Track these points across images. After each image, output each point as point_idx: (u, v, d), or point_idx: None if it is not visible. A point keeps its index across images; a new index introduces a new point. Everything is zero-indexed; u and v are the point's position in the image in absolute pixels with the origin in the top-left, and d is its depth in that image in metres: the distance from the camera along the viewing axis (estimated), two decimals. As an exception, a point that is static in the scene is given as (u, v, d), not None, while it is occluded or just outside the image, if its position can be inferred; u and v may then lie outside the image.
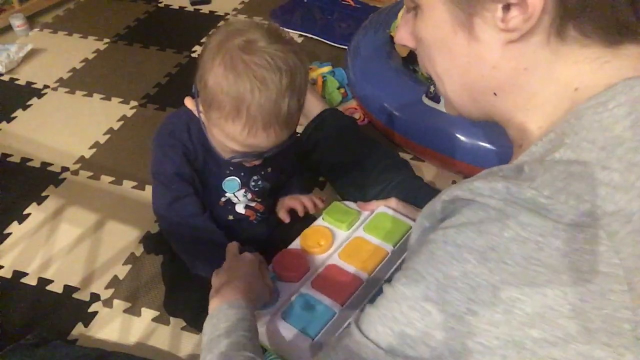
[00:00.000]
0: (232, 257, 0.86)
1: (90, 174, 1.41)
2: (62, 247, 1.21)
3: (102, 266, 1.17)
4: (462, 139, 1.26)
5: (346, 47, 1.69)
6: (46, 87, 1.74)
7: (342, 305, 0.81)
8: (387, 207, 0.96)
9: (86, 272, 1.15)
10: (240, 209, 1.00)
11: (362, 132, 1.37)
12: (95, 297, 1.10)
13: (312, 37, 1.93)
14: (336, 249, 0.91)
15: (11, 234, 1.25)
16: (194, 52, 1.91)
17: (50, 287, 1.13)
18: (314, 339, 0.77)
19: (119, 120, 1.59)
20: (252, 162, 0.91)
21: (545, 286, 0.39)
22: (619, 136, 0.41)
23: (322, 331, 0.78)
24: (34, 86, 1.75)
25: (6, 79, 1.78)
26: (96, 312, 1.07)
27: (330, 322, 0.79)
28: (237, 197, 0.98)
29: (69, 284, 1.13)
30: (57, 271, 1.16)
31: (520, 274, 0.40)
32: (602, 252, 0.39)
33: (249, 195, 0.99)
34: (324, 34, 1.92)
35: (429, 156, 1.38)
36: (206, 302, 0.76)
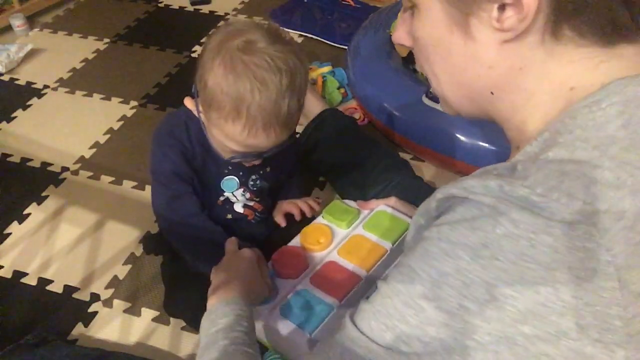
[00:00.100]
0: (231, 253, 0.86)
1: (90, 174, 1.41)
2: (62, 247, 1.22)
3: (102, 266, 1.17)
4: (461, 139, 1.26)
5: (346, 47, 1.69)
6: (46, 87, 1.74)
7: (340, 301, 0.81)
8: (387, 206, 0.97)
9: (86, 272, 1.15)
10: (238, 208, 1.00)
11: (362, 132, 1.37)
12: (95, 297, 1.10)
13: (312, 37, 1.93)
14: (335, 247, 0.91)
15: (11, 234, 1.25)
16: (194, 52, 1.91)
17: (50, 287, 1.13)
18: (311, 335, 0.77)
19: (119, 120, 1.60)
20: (252, 162, 0.91)
21: (537, 283, 0.40)
22: (612, 135, 0.42)
23: (320, 327, 0.78)
24: (34, 86, 1.75)
25: (6, 79, 1.79)
26: (96, 312, 1.08)
27: (327, 319, 0.79)
28: (235, 196, 0.98)
29: (69, 284, 1.13)
30: (57, 271, 1.16)
31: (512, 270, 0.40)
32: (593, 249, 0.39)
33: (248, 194, 0.99)
34: (324, 34, 1.92)
35: (428, 156, 1.38)
36: (206, 301, 0.76)
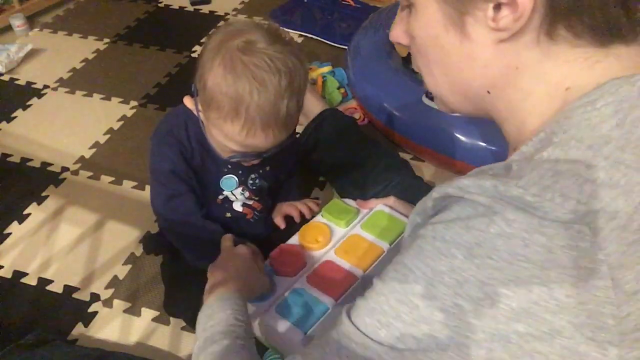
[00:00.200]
0: (227, 250, 0.87)
1: (90, 174, 1.41)
2: (62, 247, 1.22)
3: (102, 266, 1.17)
4: (461, 139, 1.26)
5: (346, 47, 1.69)
6: (46, 87, 1.75)
7: (336, 300, 0.82)
8: (385, 206, 0.97)
9: (86, 272, 1.15)
10: (237, 207, 1.00)
11: (362, 132, 1.37)
12: (95, 297, 1.10)
13: (312, 37, 1.93)
14: (334, 246, 0.91)
15: (11, 234, 1.25)
16: (194, 52, 1.91)
17: (50, 287, 1.13)
18: (306, 333, 0.78)
19: (119, 120, 1.60)
20: (251, 161, 0.91)
21: (531, 282, 0.40)
22: (606, 135, 0.42)
23: (315, 326, 0.79)
24: (34, 86, 1.75)
25: (6, 79, 1.79)
26: (96, 312, 1.08)
27: (323, 317, 0.80)
28: (234, 195, 0.98)
29: (69, 284, 1.13)
30: (57, 271, 1.16)
31: (506, 269, 0.40)
32: (587, 249, 0.39)
33: (247, 193, 0.99)
34: (324, 34, 1.92)
35: (428, 156, 1.38)
36: (206, 301, 0.76)
